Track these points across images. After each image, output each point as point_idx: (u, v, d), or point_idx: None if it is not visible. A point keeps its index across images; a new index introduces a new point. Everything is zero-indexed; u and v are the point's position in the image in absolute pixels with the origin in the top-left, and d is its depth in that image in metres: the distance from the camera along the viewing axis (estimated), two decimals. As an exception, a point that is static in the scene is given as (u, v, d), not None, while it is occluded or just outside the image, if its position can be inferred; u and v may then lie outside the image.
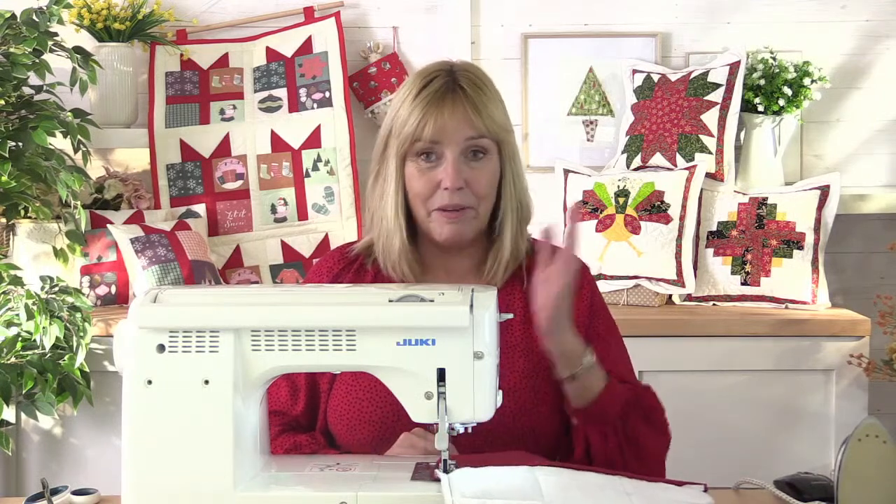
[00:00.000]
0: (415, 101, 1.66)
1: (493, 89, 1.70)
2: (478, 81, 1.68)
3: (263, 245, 3.20)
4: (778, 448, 2.78)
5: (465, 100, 1.65)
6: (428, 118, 1.64)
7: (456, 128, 1.64)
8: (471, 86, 1.66)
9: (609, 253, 3.03)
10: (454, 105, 1.64)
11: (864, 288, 3.19)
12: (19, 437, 2.83)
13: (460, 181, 1.64)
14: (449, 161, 1.64)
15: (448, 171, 1.64)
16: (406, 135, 1.65)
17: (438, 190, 1.65)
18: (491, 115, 1.66)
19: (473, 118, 1.64)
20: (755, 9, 3.27)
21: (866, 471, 1.42)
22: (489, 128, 1.65)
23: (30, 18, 2.73)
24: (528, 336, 1.70)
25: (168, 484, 1.39)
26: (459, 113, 1.64)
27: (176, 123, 3.23)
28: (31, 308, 2.52)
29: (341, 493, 1.37)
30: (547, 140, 3.31)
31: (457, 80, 1.67)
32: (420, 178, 1.66)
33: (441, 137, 1.64)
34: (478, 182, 1.66)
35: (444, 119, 1.63)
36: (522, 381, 1.68)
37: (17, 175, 2.68)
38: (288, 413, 1.75)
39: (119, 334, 1.43)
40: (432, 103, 1.64)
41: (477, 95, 1.66)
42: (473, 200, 1.67)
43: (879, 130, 3.29)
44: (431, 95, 1.65)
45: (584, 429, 1.62)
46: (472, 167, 1.66)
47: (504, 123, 1.69)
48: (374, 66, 3.27)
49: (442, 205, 1.65)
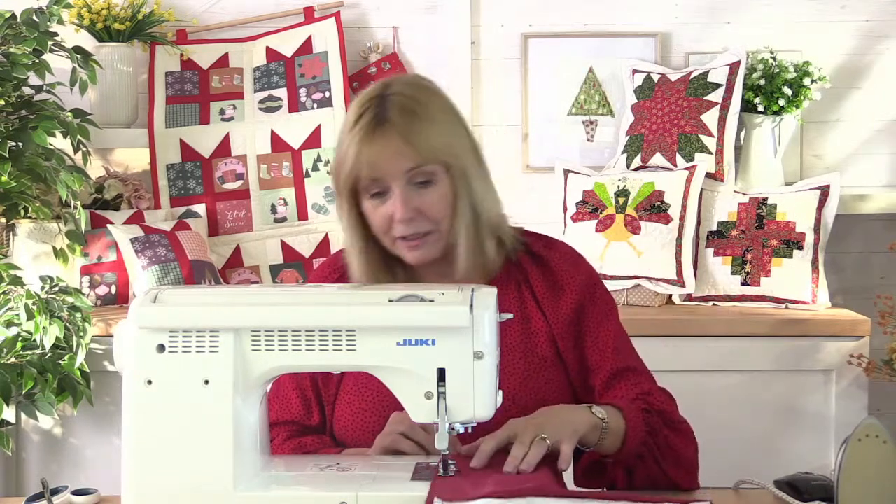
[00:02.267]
0: (348, 136, 1.60)
1: (431, 109, 1.62)
2: (409, 105, 1.59)
3: (263, 245, 3.20)
4: (778, 448, 2.78)
5: (395, 130, 1.57)
6: (361, 157, 1.58)
7: (391, 161, 1.58)
8: (401, 114, 1.58)
9: (609, 253, 3.03)
10: (385, 139, 1.58)
11: (864, 288, 3.19)
12: (19, 437, 2.83)
13: (410, 212, 1.60)
14: (396, 195, 1.59)
15: (396, 204, 1.59)
16: (345, 174, 1.61)
17: (394, 223, 1.61)
18: (426, 141, 1.58)
19: (406, 149, 1.57)
20: (755, 9, 3.27)
21: (866, 471, 1.42)
22: (425, 156, 1.59)
23: (30, 18, 2.73)
24: (526, 337, 1.70)
25: (168, 484, 1.39)
26: (392, 146, 1.57)
27: (176, 123, 3.24)
28: (31, 308, 2.52)
29: (341, 493, 1.37)
30: (547, 140, 3.31)
31: (387, 109, 1.59)
32: (375, 213, 1.63)
33: (379, 173, 1.59)
34: (429, 207, 1.61)
35: (375, 156, 1.58)
36: (523, 384, 1.67)
37: (17, 175, 2.68)
38: (302, 423, 1.74)
39: (119, 334, 1.43)
40: (364, 140, 1.58)
41: (408, 123, 1.58)
42: (430, 225, 1.63)
43: (879, 130, 3.29)
44: (362, 130, 1.58)
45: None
46: (422, 194, 1.61)
47: (444, 144, 1.61)
48: (374, 66, 3.27)
49: (400, 235, 1.62)
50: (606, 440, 1.55)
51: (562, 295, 1.71)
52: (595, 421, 1.54)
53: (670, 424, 1.65)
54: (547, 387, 1.68)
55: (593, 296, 1.73)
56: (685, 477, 1.64)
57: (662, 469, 1.61)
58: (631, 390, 1.67)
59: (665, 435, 1.62)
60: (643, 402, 1.64)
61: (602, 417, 1.55)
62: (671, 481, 1.62)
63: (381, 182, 1.60)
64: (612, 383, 1.69)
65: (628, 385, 1.68)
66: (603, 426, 1.54)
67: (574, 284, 1.72)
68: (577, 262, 1.76)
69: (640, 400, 1.64)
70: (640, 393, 1.67)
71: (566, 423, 1.52)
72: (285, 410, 1.74)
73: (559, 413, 1.55)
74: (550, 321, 1.71)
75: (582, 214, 3.10)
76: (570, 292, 1.71)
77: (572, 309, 1.71)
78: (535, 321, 1.71)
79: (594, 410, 1.56)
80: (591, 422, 1.54)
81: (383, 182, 1.60)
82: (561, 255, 1.76)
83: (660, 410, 1.65)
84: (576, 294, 1.71)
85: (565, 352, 1.70)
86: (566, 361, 1.71)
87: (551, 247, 1.77)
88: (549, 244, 1.78)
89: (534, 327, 1.70)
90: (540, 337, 1.70)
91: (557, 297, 1.72)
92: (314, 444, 1.70)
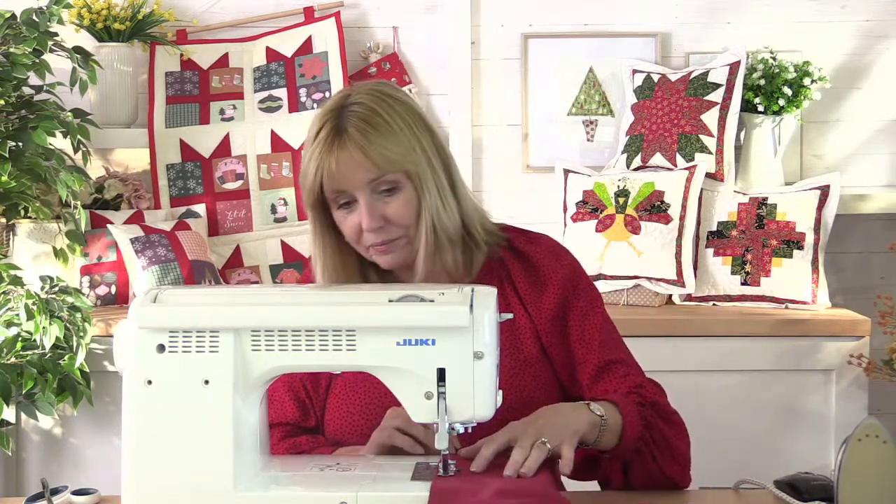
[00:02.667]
0: (310, 148, 1.63)
1: (389, 118, 1.62)
2: (365, 116, 1.60)
3: (263, 245, 3.20)
4: (778, 448, 2.78)
5: (353, 143, 1.58)
6: (321, 171, 1.60)
7: (351, 173, 1.60)
8: (359, 124, 1.59)
9: (609, 253, 3.03)
10: (341, 151, 1.59)
11: (864, 288, 3.19)
12: (19, 437, 2.83)
13: (376, 221, 1.61)
14: (361, 205, 1.61)
15: (363, 214, 1.61)
16: (309, 187, 1.63)
17: (363, 231, 1.63)
18: (383, 153, 1.59)
19: (364, 161, 1.59)
20: (755, 9, 3.27)
21: (866, 471, 1.42)
22: (383, 167, 1.60)
23: (30, 18, 2.73)
24: (512, 335, 1.69)
25: (168, 484, 1.39)
26: (351, 159, 1.59)
27: (176, 123, 3.24)
28: (31, 308, 2.52)
29: (341, 493, 1.37)
30: (547, 140, 3.31)
31: (344, 122, 1.60)
32: (345, 223, 1.65)
33: (341, 185, 1.61)
34: (395, 214, 1.62)
35: (333, 169, 1.59)
36: (509, 382, 1.66)
37: (17, 175, 2.68)
38: (297, 424, 1.75)
39: (119, 334, 1.43)
40: (323, 154, 1.60)
41: (363, 135, 1.59)
42: (398, 231, 1.64)
43: (879, 130, 3.29)
44: (321, 143, 1.60)
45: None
46: (387, 202, 1.62)
47: (401, 154, 1.61)
48: (374, 66, 3.27)
49: (370, 243, 1.64)
50: (605, 436, 1.55)
51: (544, 290, 1.71)
52: (594, 418, 1.54)
53: (664, 417, 1.65)
54: (533, 384, 1.68)
55: (576, 288, 1.72)
56: (680, 471, 1.64)
57: (658, 464, 1.61)
58: (620, 383, 1.67)
59: (661, 428, 1.62)
60: (637, 396, 1.64)
61: (600, 414, 1.54)
62: (666, 476, 1.62)
63: (345, 193, 1.62)
64: (600, 376, 1.68)
65: (617, 378, 1.67)
66: (602, 423, 1.54)
67: (556, 279, 1.71)
68: (558, 256, 1.75)
69: (634, 394, 1.64)
70: (633, 386, 1.66)
71: (566, 424, 1.51)
72: (280, 413, 1.74)
73: (558, 414, 1.54)
74: (534, 318, 1.70)
75: (582, 214, 3.10)
76: (553, 287, 1.71)
77: (556, 304, 1.70)
78: (518, 318, 1.70)
79: (592, 408, 1.55)
80: (590, 420, 1.53)
81: (348, 193, 1.62)
82: (543, 249, 1.75)
83: (653, 402, 1.65)
84: (558, 288, 1.71)
85: (550, 347, 1.70)
86: (552, 357, 1.70)
87: (533, 241, 1.76)
88: (531, 239, 1.77)
89: (518, 324, 1.70)
90: (524, 334, 1.70)
91: (540, 292, 1.71)
92: (309, 444, 1.70)
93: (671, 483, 1.63)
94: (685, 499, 1.62)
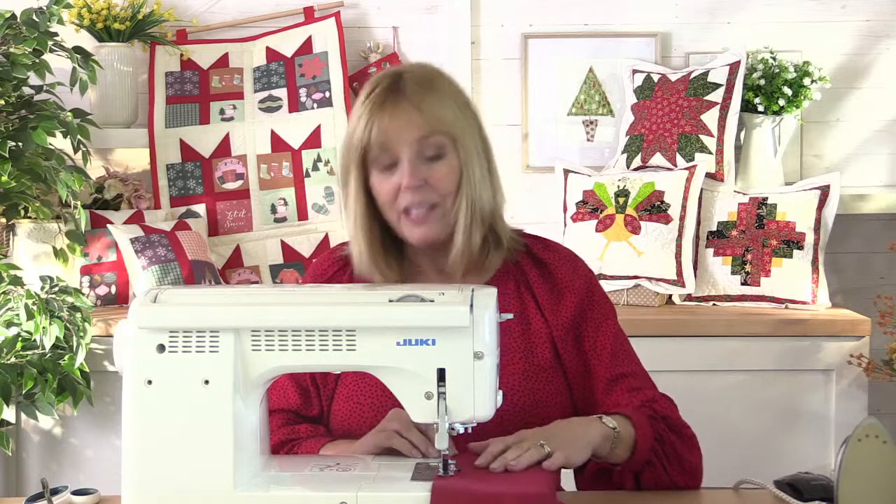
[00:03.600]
0: (359, 109, 1.64)
1: (443, 87, 1.66)
2: (424, 81, 1.64)
3: (263, 245, 3.20)
4: (778, 448, 2.78)
5: (407, 100, 1.62)
6: (371, 124, 1.62)
7: (402, 129, 1.61)
8: (415, 86, 1.63)
9: (609, 253, 3.03)
10: (395, 107, 1.62)
11: (864, 288, 3.19)
12: (19, 437, 2.83)
13: (417, 179, 1.62)
14: (404, 162, 1.62)
15: (404, 170, 1.62)
16: (355, 143, 1.64)
17: (400, 192, 1.63)
18: (436, 112, 1.62)
19: (416, 117, 1.61)
20: (755, 9, 3.27)
21: (866, 471, 1.42)
22: (435, 126, 1.62)
23: (30, 18, 2.73)
24: (527, 339, 1.70)
25: (168, 484, 1.39)
26: (403, 114, 1.61)
27: (176, 123, 3.24)
28: (31, 308, 2.52)
29: (341, 493, 1.37)
30: (547, 140, 3.31)
31: (401, 82, 1.64)
32: (382, 184, 1.64)
33: (389, 141, 1.62)
34: (437, 179, 1.63)
35: (386, 122, 1.61)
36: (521, 384, 1.67)
37: (17, 175, 2.68)
38: (298, 412, 1.74)
39: (119, 334, 1.43)
40: (374, 109, 1.62)
41: (420, 94, 1.62)
42: (436, 197, 1.64)
43: (879, 130, 3.29)
44: (373, 100, 1.63)
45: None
46: (431, 166, 1.63)
47: (455, 120, 1.64)
48: (374, 66, 3.27)
49: (406, 205, 1.63)
50: (617, 449, 1.55)
51: (562, 298, 1.72)
52: (607, 431, 1.54)
53: (675, 430, 1.65)
54: (545, 389, 1.68)
55: (591, 299, 1.74)
56: (691, 483, 1.65)
57: (669, 475, 1.61)
58: (633, 396, 1.67)
59: (672, 441, 1.63)
60: (649, 409, 1.64)
61: (613, 427, 1.55)
62: (677, 487, 1.62)
63: (390, 153, 1.62)
64: (611, 388, 1.69)
65: (627, 390, 1.68)
66: (615, 436, 1.55)
67: (574, 288, 1.73)
68: (576, 266, 1.76)
69: (646, 407, 1.65)
70: (645, 400, 1.67)
71: (578, 437, 1.52)
72: (281, 400, 1.74)
73: (571, 426, 1.55)
74: (551, 325, 1.71)
75: (582, 214, 3.10)
76: (571, 296, 1.72)
77: (572, 313, 1.71)
78: (535, 323, 1.71)
79: (604, 420, 1.56)
80: (603, 433, 1.54)
81: (393, 152, 1.62)
82: (561, 258, 1.76)
83: (664, 416, 1.65)
84: (576, 298, 1.72)
85: (564, 355, 1.71)
86: (565, 365, 1.71)
87: (551, 250, 1.78)
88: (549, 247, 1.78)
89: (534, 329, 1.71)
90: (540, 339, 1.70)
91: (558, 300, 1.72)
92: (308, 432, 1.70)
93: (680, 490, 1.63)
94: (685, 499, 1.61)
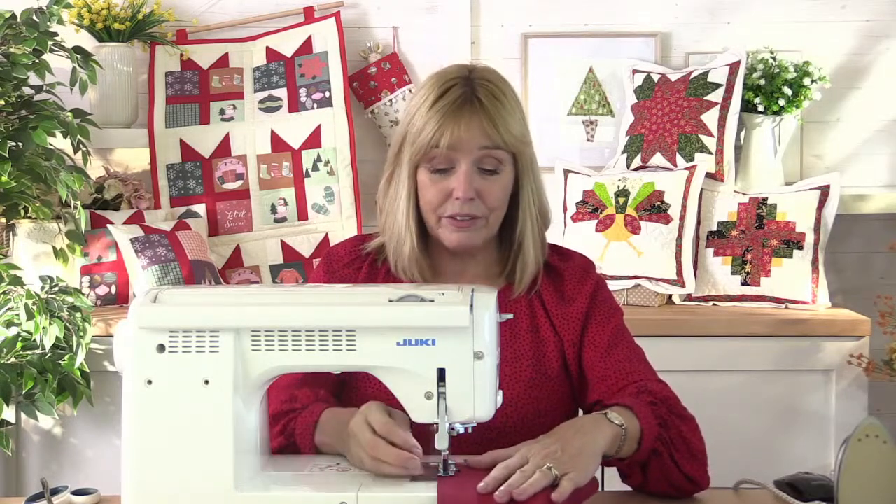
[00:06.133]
0: (431, 110, 1.64)
1: (512, 99, 1.69)
2: (496, 92, 1.66)
3: (263, 245, 3.20)
4: (778, 448, 2.78)
5: (483, 112, 1.64)
6: (444, 130, 1.63)
7: (471, 139, 1.63)
8: (489, 97, 1.65)
9: (609, 253, 3.03)
10: (471, 117, 1.63)
11: (864, 288, 3.19)
12: (19, 437, 2.83)
13: (472, 192, 1.64)
14: (462, 171, 1.64)
15: (460, 180, 1.64)
16: (421, 144, 1.64)
17: (450, 199, 1.65)
18: (508, 127, 1.65)
19: (490, 131, 1.63)
20: (755, 9, 3.27)
21: (866, 471, 1.42)
22: (506, 140, 1.65)
23: (30, 18, 2.73)
24: (536, 346, 1.71)
25: (168, 484, 1.39)
26: (476, 125, 1.63)
27: (176, 123, 3.23)
28: (31, 308, 2.52)
29: (341, 493, 1.38)
30: (547, 140, 3.31)
31: (475, 90, 1.65)
32: (432, 186, 1.66)
33: (457, 148, 1.63)
34: (489, 194, 1.66)
35: (459, 131, 1.63)
36: (526, 392, 1.67)
37: (17, 175, 2.68)
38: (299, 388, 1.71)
39: (119, 334, 1.43)
40: (449, 114, 1.63)
41: (494, 107, 1.64)
42: (484, 210, 1.66)
43: (879, 130, 3.29)
44: (448, 106, 1.64)
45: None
46: (485, 178, 1.65)
47: (521, 134, 1.68)
48: (374, 66, 3.27)
49: (452, 213, 1.65)
50: (625, 445, 1.53)
51: (570, 307, 1.73)
52: (615, 430, 1.51)
53: (677, 413, 1.63)
54: (550, 398, 1.69)
55: (595, 301, 1.74)
56: (698, 469, 1.60)
57: (676, 463, 1.57)
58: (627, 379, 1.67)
59: (676, 425, 1.60)
60: (648, 395, 1.63)
61: (620, 423, 1.52)
62: (685, 475, 1.58)
63: (453, 157, 1.64)
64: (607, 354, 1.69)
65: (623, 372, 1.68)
66: (622, 433, 1.52)
67: (581, 297, 1.74)
68: (586, 274, 1.77)
69: (644, 393, 1.63)
70: (642, 386, 1.65)
71: (586, 446, 1.46)
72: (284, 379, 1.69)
73: (577, 434, 1.49)
74: (560, 333, 1.71)
75: (582, 214, 3.10)
76: (578, 305, 1.73)
77: (580, 321, 1.72)
78: (543, 331, 1.72)
79: (610, 417, 1.53)
80: (611, 433, 1.50)
81: (455, 157, 1.64)
82: (573, 266, 1.77)
83: (663, 398, 1.63)
84: (583, 306, 1.73)
85: (572, 363, 1.71)
86: (572, 373, 1.71)
87: (565, 258, 1.79)
88: (564, 256, 1.80)
89: (543, 337, 1.71)
90: (548, 347, 1.71)
91: (566, 309, 1.73)
92: (306, 397, 1.66)
93: (689, 485, 1.59)
94: (685, 499, 1.61)
